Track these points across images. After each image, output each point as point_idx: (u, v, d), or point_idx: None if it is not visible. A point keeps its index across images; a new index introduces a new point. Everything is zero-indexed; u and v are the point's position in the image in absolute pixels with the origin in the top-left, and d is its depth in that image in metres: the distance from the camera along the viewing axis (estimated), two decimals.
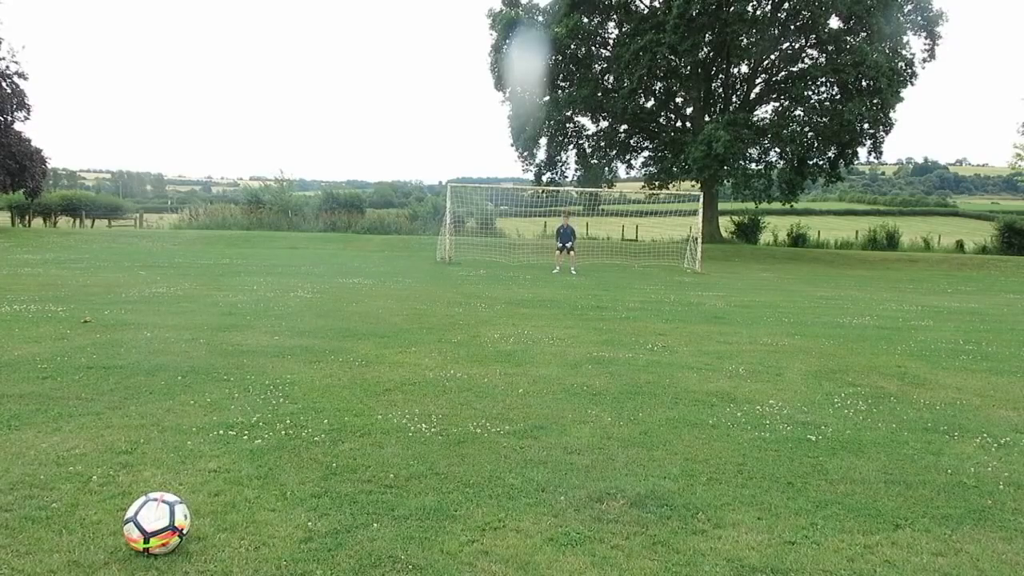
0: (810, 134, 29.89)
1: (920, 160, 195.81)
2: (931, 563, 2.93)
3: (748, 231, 34.93)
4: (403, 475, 3.68)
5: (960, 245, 35.99)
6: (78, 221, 37.01)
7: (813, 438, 4.57)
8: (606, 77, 31.81)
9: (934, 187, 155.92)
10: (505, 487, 3.57)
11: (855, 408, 5.41)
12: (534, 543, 2.97)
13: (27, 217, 35.55)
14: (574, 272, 19.21)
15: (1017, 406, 5.71)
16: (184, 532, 2.71)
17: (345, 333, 7.98)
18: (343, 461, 3.86)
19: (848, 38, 26.35)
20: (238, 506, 3.23)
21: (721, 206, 36.64)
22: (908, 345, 8.54)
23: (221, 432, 4.25)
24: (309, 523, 3.07)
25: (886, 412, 5.36)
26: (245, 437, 4.18)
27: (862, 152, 30.75)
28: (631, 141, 34.67)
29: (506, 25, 30.15)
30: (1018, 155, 32.87)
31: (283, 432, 4.30)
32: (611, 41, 31.63)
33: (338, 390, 5.41)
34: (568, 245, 20.07)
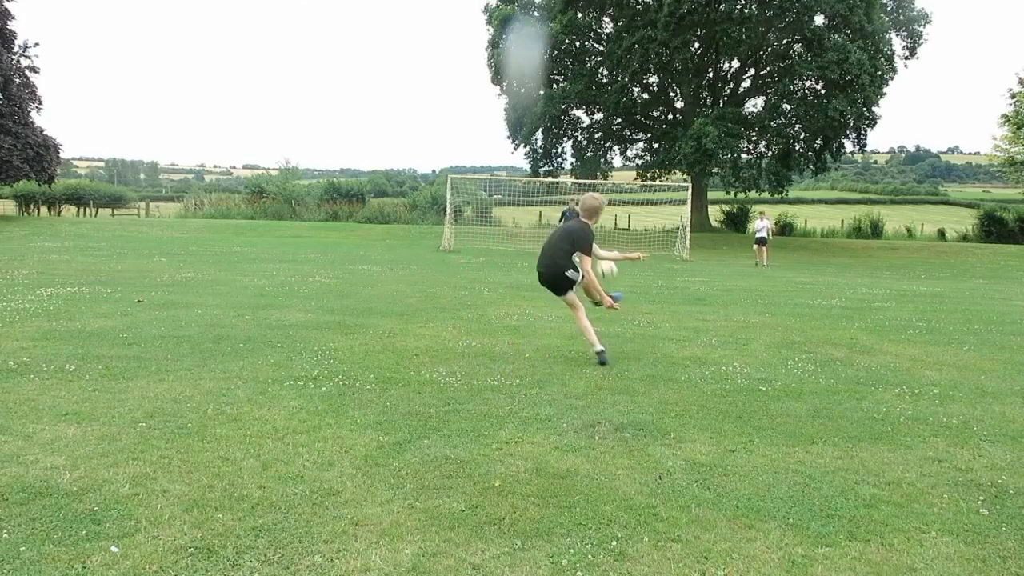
0: (797, 127, 31.01)
1: (912, 148, 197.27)
2: (831, 463, 4.06)
3: (737, 220, 36.11)
4: (442, 411, 4.78)
5: (941, 233, 37.29)
6: (84, 210, 37.88)
7: (764, 389, 5.69)
8: (600, 71, 32.79)
9: (926, 175, 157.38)
10: (521, 418, 4.68)
11: (804, 369, 6.54)
12: (545, 450, 4.09)
13: (31, 205, 36.39)
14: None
15: (941, 367, 6.85)
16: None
17: (368, 311, 9.06)
18: (393, 402, 4.95)
19: (834, 36, 27.41)
20: (323, 428, 4.33)
21: (712, 195, 37.79)
22: (865, 322, 9.68)
23: (292, 382, 5.35)
24: (380, 437, 4.18)
25: (829, 372, 6.48)
26: (312, 386, 5.28)
27: (847, 144, 31.93)
28: (625, 132, 35.72)
29: (502, 20, 31.07)
30: (997, 146, 34.04)
31: (340, 383, 5.40)
32: (605, 36, 32.58)
33: (375, 355, 6.49)
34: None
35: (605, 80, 32.46)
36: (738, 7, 27.29)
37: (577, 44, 32.17)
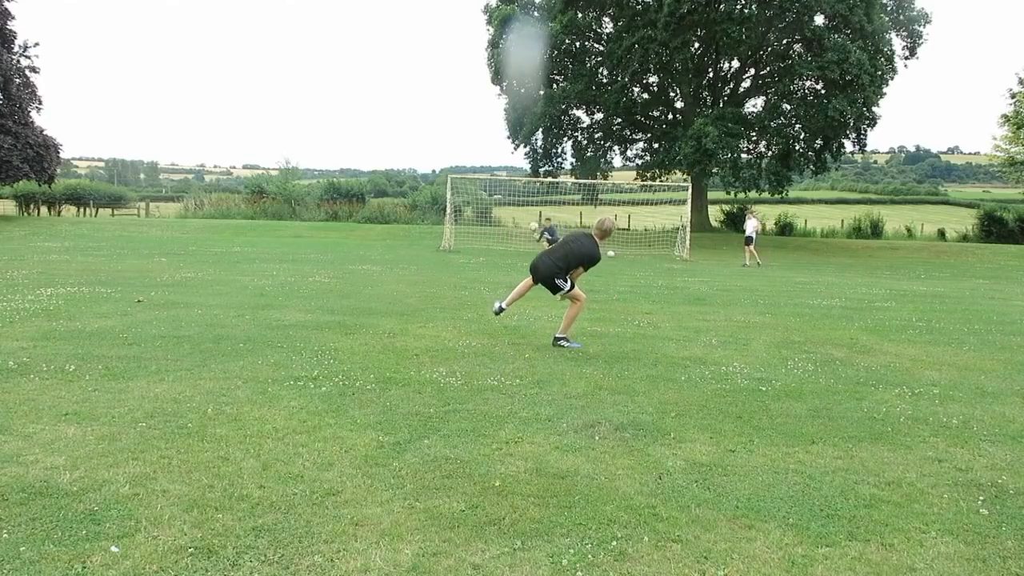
0: (797, 127, 30.99)
1: (912, 148, 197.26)
2: (831, 464, 4.06)
3: (737, 220, 36.07)
4: (442, 411, 4.78)
5: (941, 233, 37.28)
6: (84, 210, 37.86)
7: (764, 389, 5.69)
8: (600, 71, 32.77)
9: (926, 175, 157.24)
10: (521, 418, 4.68)
11: (804, 369, 6.54)
12: (545, 450, 4.09)
13: (31, 205, 36.36)
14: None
15: (941, 368, 6.85)
16: None
17: (368, 311, 9.06)
18: (393, 402, 4.95)
19: (834, 36, 27.39)
20: (323, 428, 4.32)
21: (712, 195, 37.78)
22: (865, 322, 9.68)
23: (292, 382, 5.35)
24: (380, 437, 4.18)
25: (829, 372, 6.48)
26: (312, 386, 5.28)
27: (847, 144, 31.92)
28: (625, 132, 35.71)
29: (502, 20, 31.06)
30: (997, 146, 34.03)
31: (340, 383, 5.39)
32: (605, 36, 32.57)
33: (375, 355, 6.49)
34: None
35: (605, 80, 32.44)
36: (738, 7, 27.26)
37: (577, 44, 32.14)
